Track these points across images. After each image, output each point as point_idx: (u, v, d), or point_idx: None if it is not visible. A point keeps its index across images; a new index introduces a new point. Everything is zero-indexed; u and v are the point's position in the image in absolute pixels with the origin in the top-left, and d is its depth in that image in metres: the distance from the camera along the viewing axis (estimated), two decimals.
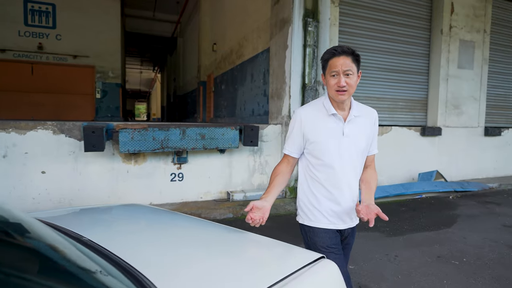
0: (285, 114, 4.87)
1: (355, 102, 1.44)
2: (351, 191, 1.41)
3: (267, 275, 0.86)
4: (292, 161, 1.47)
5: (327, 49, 1.37)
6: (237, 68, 8.02)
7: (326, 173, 1.38)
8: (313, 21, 4.73)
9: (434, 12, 6.24)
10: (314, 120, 1.38)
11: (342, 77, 1.29)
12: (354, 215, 1.44)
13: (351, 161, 1.39)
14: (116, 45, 10.87)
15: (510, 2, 7.17)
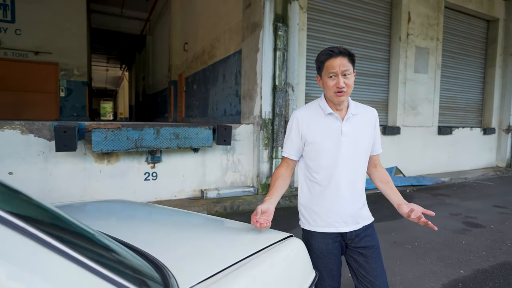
0: (256, 114, 5.06)
1: (353, 101, 1.42)
2: (353, 191, 1.36)
3: (243, 250, 1.04)
4: (291, 164, 1.44)
5: (323, 51, 1.34)
6: (209, 69, 8.11)
7: (324, 174, 1.35)
8: (283, 26, 4.97)
9: (393, 20, 6.75)
10: (311, 121, 1.36)
11: (340, 78, 1.28)
12: (360, 217, 1.38)
13: (351, 161, 1.35)
14: (81, 42, 10.49)
15: (459, 13, 7.90)
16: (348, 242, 1.39)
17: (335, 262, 1.38)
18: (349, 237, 1.38)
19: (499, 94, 8.60)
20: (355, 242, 1.38)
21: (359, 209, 1.38)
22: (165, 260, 0.84)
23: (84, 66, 10.68)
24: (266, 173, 5.00)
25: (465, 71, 8.20)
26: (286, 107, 5.14)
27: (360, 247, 1.38)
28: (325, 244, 1.36)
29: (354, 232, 1.38)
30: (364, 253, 1.37)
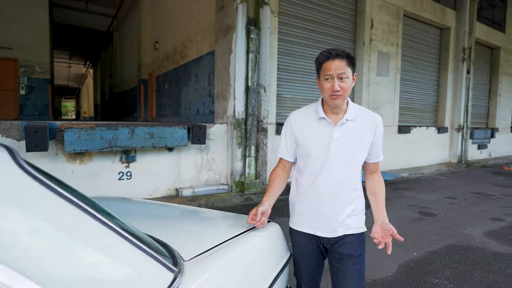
0: (230, 114, 5.22)
1: (354, 105, 1.38)
2: (336, 198, 1.33)
3: (229, 232, 1.21)
4: (287, 165, 1.44)
5: (322, 52, 1.32)
6: (181, 68, 8.11)
7: (309, 177, 1.35)
8: (255, 29, 5.16)
9: (358, 26, 7.19)
10: (303, 124, 1.36)
11: (336, 81, 1.25)
12: (342, 226, 1.34)
13: (338, 167, 1.32)
14: (43, 37, 10.00)
15: (416, 21, 8.56)
16: (327, 246, 1.38)
17: (311, 262, 1.39)
18: (326, 242, 1.36)
19: (451, 96, 9.42)
20: (334, 247, 1.37)
21: (342, 217, 1.33)
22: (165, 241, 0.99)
23: (47, 63, 10.20)
24: (239, 171, 5.17)
25: (421, 75, 8.90)
26: (259, 107, 5.34)
27: (338, 252, 1.36)
28: (301, 243, 1.39)
29: (333, 238, 1.35)
30: (339, 259, 1.36)
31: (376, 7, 7.26)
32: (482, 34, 10.39)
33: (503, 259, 2.85)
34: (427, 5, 8.51)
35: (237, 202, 4.79)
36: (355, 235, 1.36)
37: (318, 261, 1.42)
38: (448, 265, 2.72)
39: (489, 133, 11.04)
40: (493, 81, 11.55)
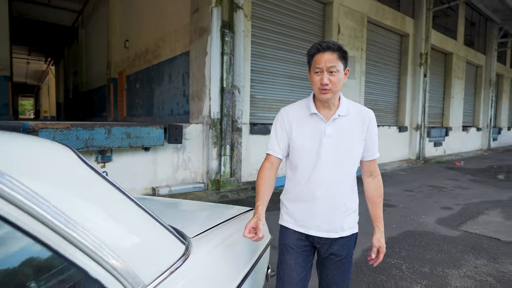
0: (205, 114, 5.36)
1: (346, 101, 1.33)
2: (330, 197, 1.28)
3: (219, 218, 1.41)
4: (275, 163, 1.34)
5: (313, 44, 1.26)
6: (153, 68, 8.08)
7: (301, 175, 1.30)
8: (230, 32, 5.34)
9: (326, 31, 7.60)
10: (296, 119, 1.32)
11: (325, 74, 1.20)
12: (337, 226, 1.30)
13: (332, 164, 1.27)
14: (2, 32, 9.47)
15: (379, 27, 9.16)
16: (317, 246, 1.35)
17: (299, 262, 1.32)
18: (317, 241, 1.32)
19: (410, 98, 10.18)
20: (326, 247, 1.33)
21: (335, 218, 1.29)
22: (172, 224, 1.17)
23: (6, 60, 9.67)
24: (215, 170, 5.33)
25: (384, 78, 9.55)
26: (233, 108, 5.52)
27: (329, 252, 1.33)
28: (292, 242, 1.33)
29: (326, 239, 1.31)
30: (329, 259, 1.33)
31: (342, 14, 7.71)
32: (437, 41, 11.31)
33: (450, 241, 3.28)
34: (389, 13, 9.14)
35: (213, 200, 4.95)
36: (348, 236, 1.32)
37: (306, 262, 1.35)
38: (405, 248, 3.09)
39: (444, 132, 12.04)
40: (447, 84, 12.60)
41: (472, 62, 14.19)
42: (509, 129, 19.05)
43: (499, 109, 17.62)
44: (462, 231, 3.59)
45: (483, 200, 5.07)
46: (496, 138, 16.89)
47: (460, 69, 13.10)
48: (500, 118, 17.79)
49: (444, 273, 2.57)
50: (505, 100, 18.10)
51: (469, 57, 13.66)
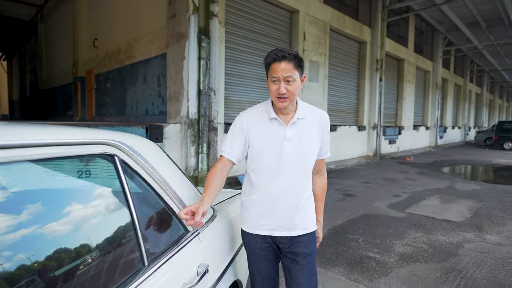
0: (183, 114, 5.69)
1: (303, 104, 1.36)
2: (290, 197, 1.31)
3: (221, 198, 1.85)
4: (227, 165, 1.32)
5: (270, 52, 1.27)
6: (126, 68, 8.18)
7: (263, 177, 1.31)
8: (206, 38, 5.72)
9: (293, 38, 8.22)
10: (255, 124, 1.32)
11: (282, 84, 1.22)
12: (296, 225, 1.33)
13: (293, 166, 1.30)
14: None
15: (340, 35, 9.99)
16: (280, 246, 1.36)
17: (265, 263, 1.36)
18: (280, 241, 1.35)
19: (368, 100, 11.18)
20: (287, 246, 1.35)
21: (296, 217, 1.32)
22: None
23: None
24: (193, 167, 5.68)
25: (345, 81, 10.42)
26: (209, 109, 5.91)
27: (290, 252, 1.34)
28: (254, 244, 1.36)
29: (288, 238, 1.33)
30: (293, 259, 1.35)
31: (307, 22, 8.38)
32: (391, 48, 12.47)
33: (397, 221, 3.98)
34: (349, 22, 10.01)
35: None
36: (308, 234, 1.36)
37: (273, 263, 1.39)
38: (361, 227, 3.72)
39: (397, 131, 13.31)
40: (400, 88, 13.90)
41: (421, 68, 15.73)
42: (453, 128, 21.22)
43: (445, 110, 19.59)
44: (407, 213, 4.33)
45: (426, 189, 5.96)
46: (442, 136, 18.79)
47: (411, 74, 14.51)
48: (446, 118, 19.79)
49: (391, 243, 3.22)
50: (449, 102, 20.15)
51: (418, 63, 15.14)
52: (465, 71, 22.15)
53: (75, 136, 0.78)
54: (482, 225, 3.84)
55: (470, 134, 24.11)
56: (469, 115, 24.32)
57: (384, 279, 2.48)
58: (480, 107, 27.84)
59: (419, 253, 2.97)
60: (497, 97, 34.69)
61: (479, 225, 3.84)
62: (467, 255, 2.95)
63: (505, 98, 40.34)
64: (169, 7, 5.98)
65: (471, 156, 12.53)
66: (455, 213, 4.35)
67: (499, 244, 3.23)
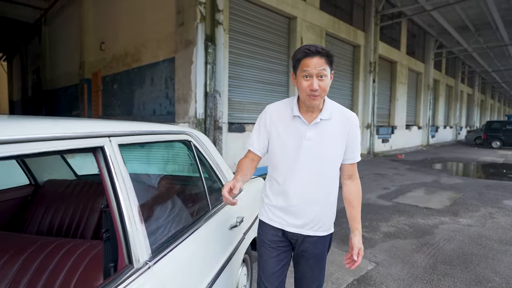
0: (191, 114, 6.19)
1: (330, 104, 1.34)
2: (306, 197, 1.31)
3: None
4: (254, 159, 1.38)
5: (300, 48, 1.25)
6: (133, 71, 8.64)
7: (280, 173, 1.33)
8: (212, 45, 6.23)
9: (291, 42, 8.74)
10: (279, 120, 1.34)
11: (315, 79, 1.20)
12: (310, 225, 1.33)
13: (310, 166, 1.30)
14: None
15: (335, 39, 10.53)
16: (292, 242, 1.39)
17: (273, 254, 1.37)
18: (290, 237, 1.36)
19: (362, 101, 11.74)
20: (300, 244, 1.36)
21: (309, 216, 1.32)
22: None
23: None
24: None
25: (340, 83, 10.97)
26: (215, 109, 6.42)
27: (302, 250, 1.37)
28: (269, 236, 1.38)
29: (300, 235, 1.35)
30: (302, 256, 1.37)
31: (304, 28, 8.91)
32: (384, 51, 13.05)
33: (384, 208, 4.52)
34: (343, 27, 10.56)
35: None
36: (322, 237, 1.36)
37: (282, 257, 1.39)
38: None
39: (390, 130, 13.90)
40: (392, 89, 14.50)
41: (413, 69, 16.36)
42: (445, 128, 21.91)
43: (437, 110, 20.26)
44: (394, 202, 4.88)
45: (413, 182, 6.52)
46: (434, 135, 19.45)
47: (404, 75, 15.11)
48: (437, 118, 20.46)
49: (377, 225, 3.75)
50: (441, 102, 20.83)
51: (410, 65, 15.76)
52: (456, 73, 22.86)
53: (170, 128, 1.30)
54: (458, 211, 4.40)
55: (462, 133, 24.83)
56: (460, 115, 25.04)
57: (370, 250, 3.01)
58: (471, 107, 28.60)
59: (400, 232, 3.51)
60: (488, 97, 35.55)
61: (455, 211, 4.39)
62: (441, 233, 3.50)
63: (497, 98, 41.26)
64: (177, 16, 6.47)
65: (460, 154, 13.16)
66: (436, 202, 4.91)
67: (469, 225, 3.79)
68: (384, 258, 2.83)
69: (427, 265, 2.70)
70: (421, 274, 2.54)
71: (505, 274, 2.56)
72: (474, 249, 3.05)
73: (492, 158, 11.54)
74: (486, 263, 2.75)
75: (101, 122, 0.99)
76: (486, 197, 5.25)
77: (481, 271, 2.60)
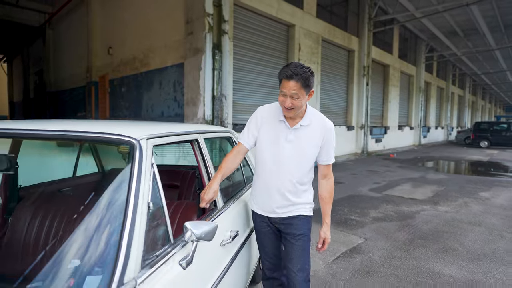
0: (200, 116, 6.76)
1: (311, 112, 1.55)
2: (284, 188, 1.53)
3: None
4: (242, 150, 1.61)
5: (283, 68, 1.44)
6: (141, 75, 9.18)
7: (263, 168, 1.56)
8: (218, 52, 6.81)
9: (289, 49, 9.35)
10: (268, 121, 1.56)
11: (288, 99, 1.40)
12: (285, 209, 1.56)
13: (289, 163, 1.51)
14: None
15: (331, 45, 11.17)
16: (276, 226, 1.61)
17: (265, 239, 1.66)
18: (273, 221, 1.60)
19: (356, 103, 12.39)
20: (282, 227, 1.59)
21: (286, 203, 1.55)
22: None
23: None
24: None
25: (335, 86, 11.61)
26: (221, 111, 6.99)
27: (285, 232, 1.58)
28: (257, 223, 1.66)
29: (278, 218, 1.58)
30: (287, 238, 1.58)
31: (302, 34, 9.52)
32: (377, 55, 13.73)
33: (374, 199, 5.13)
34: (339, 34, 11.20)
35: None
36: (299, 217, 1.57)
37: (273, 240, 1.66)
38: (348, 202, 4.86)
39: (383, 131, 14.58)
40: (385, 91, 15.19)
41: (405, 72, 17.08)
42: (436, 128, 22.70)
43: (428, 111, 21.02)
44: (383, 194, 5.50)
45: (402, 178, 7.16)
46: (426, 135, 20.20)
47: (396, 78, 15.82)
48: (429, 119, 21.22)
49: (367, 211, 4.37)
50: (432, 103, 21.60)
51: (402, 68, 16.47)
52: (447, 75, 23.67)
53: (220, 129, 1.88)
54: (438, 201, 5.03)
55: (453, 133, 25.64)
56: (451, 116, 25.87)
57: (361, 229, 3.62)
58: (462, 108, 29.48)
59: (387, 217, 4.13)
60: (479, 99, 36.54)
61: (436, 201, 5.03)
62: (420, 217, 4.12)
63: (488, 99, 42.33)
64: (186, 26, 7.04)
65: (449, 153, 13.88)
66: (420, 194, 5.55)
67: (446, 212, 4.42)
68: (371, 235, 3.43)
69: (407, 240, 3.31)
70: (400, 246, 3.15)
71: (468, 245, 3.18)
72: (446, 229, 3.68)
73: (478, 157, 12.25)
74: (454, 238, 3.37)
75: (192, 125, 1.58)
76: (465, 190, 5.89)
77: (449, 243, 3.22)
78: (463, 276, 2.56)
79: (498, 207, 4.67)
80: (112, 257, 0.79)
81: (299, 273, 1.52)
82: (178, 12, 7.40)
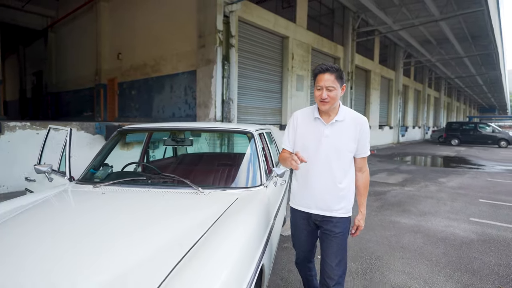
0: (211, 117, 7.95)
1: (344, 109, 1.64)
2: (326, 184, 1.61)
3: None
4: None
5: (317, 66, 1.60)
6: (152, 79, 10.26)
7: (305, 166, 1.61)
8: (227, 63, 8.02)
9: (284, 58, 10.66)
10: (303, 121, 1.69)
11: (324, 91, 1.53)
12: (329, 207, 1.63)
13: (328, 158, 1.60)
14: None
15: (319, 53, 12.54)
16: (316, 223, 1.70)
17: (302, 234, 1.77)
18: (313, 218, 1.69)
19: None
20: (322, 224, 1.68)
21: (328, 200, 1.63)
22: None
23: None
24: None
25: None
26: (229, 113, 8.21)
27: (324, 228, 1.68)
28: (294, 218, 1.78)
29: (319, 216, 1.66)
30: (326, 234, 1.67)
31: (295, 45, 10.85)
32: (360, 61, 15.23)
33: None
34: (326, 43, 12.60)
35: None
36: (339, 217, 1.66)
37: (309, 236, 1.76)
38: None
39: None
40: (367, 94, 16.75)
41: (385, 76, 18.73)
42: (414, 128, 24.59)
43: (406, 112, 22.84)
44: None
45: (380, 169, 8.58)
46: (404, 134, 21.99)
47: (377, 82, 17.42)
48: (407, 119, 23.05)
49: None
50: (410, 105, 23.45)
51: (383, 73, 18.10)
52: (424, 79, 25.63)
53: (261, 128, 3.13)
54: (406, 184, 6.44)
55: (430, 132, 27.72)
56: (428, 116, 27.91)
57: None
58: (438, 109, 31.69)
59: None
60: (454, 100, 39.07)
61: (404, 184, 6.44)
62: (390, 194, 5.50)
63: (462, 101, 45.13)
64: (199, 39, 8.21)
65: (423, 150, 15.56)
66: (392, 179, 6.96)
67: (410, 190, 5.82)
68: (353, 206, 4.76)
69: (377, 207, 4.66)
70: (373, 211, 4.49)
71: (420, 208, 4.57)
72: (407, 200, 5.06)
73: (447, 153, 13.94)
74: (411, 205, 4.76)
75: (247, 125, 2.84)
76: (428, 177, 7.36)
77: (407, 207, 4.60)
78: (412, 224, 3.91)
79: (450, 188, 6.12)
80: (258, 178, 2.10)
81: (337, 267, 1.62)
82: (190, 26, 8.54)
